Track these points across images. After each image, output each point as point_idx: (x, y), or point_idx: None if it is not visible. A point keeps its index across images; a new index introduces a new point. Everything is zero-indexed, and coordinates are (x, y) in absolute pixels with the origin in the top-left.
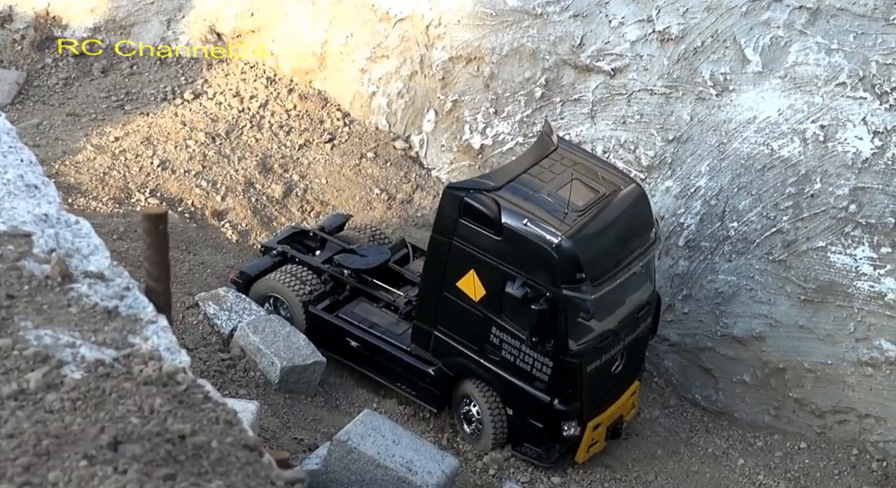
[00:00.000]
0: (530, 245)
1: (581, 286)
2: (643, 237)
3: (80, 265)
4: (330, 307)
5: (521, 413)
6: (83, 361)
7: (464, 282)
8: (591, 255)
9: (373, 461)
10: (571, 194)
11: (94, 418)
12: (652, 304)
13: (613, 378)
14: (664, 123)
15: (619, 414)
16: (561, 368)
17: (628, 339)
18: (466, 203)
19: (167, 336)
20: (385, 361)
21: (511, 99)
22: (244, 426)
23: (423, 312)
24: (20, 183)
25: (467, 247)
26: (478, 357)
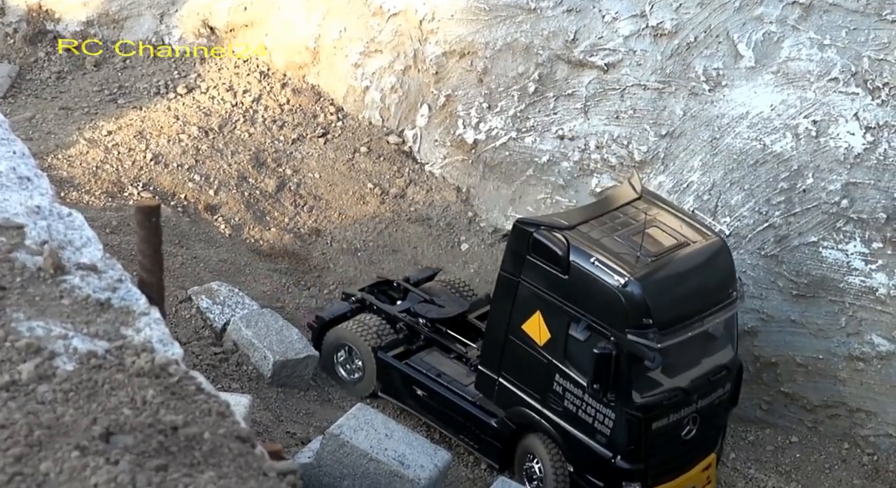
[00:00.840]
0: (597, 285)
1: (647, 332)
2: (721, 293)
3: (72, 257)
4: (401, 355)
5: (582, 469)
6: (75, 353)
7: (529, 325)
8: (661, 302)
9: (365, 455)
10: (647, 240)
11: (87, 409)
12: (732, 370)
13: (684, 444)
14: (657, 118)
15: (690, 486)
16: (623, 421)
17: (702, 403)
18: (535, 239)
19: (160, 328)
20: (449, 411)
21: (504, 94)
22: (237, 418)
23: (488, 357)
24: (12, 175)
25: (534, 287)
26: (540, 406)
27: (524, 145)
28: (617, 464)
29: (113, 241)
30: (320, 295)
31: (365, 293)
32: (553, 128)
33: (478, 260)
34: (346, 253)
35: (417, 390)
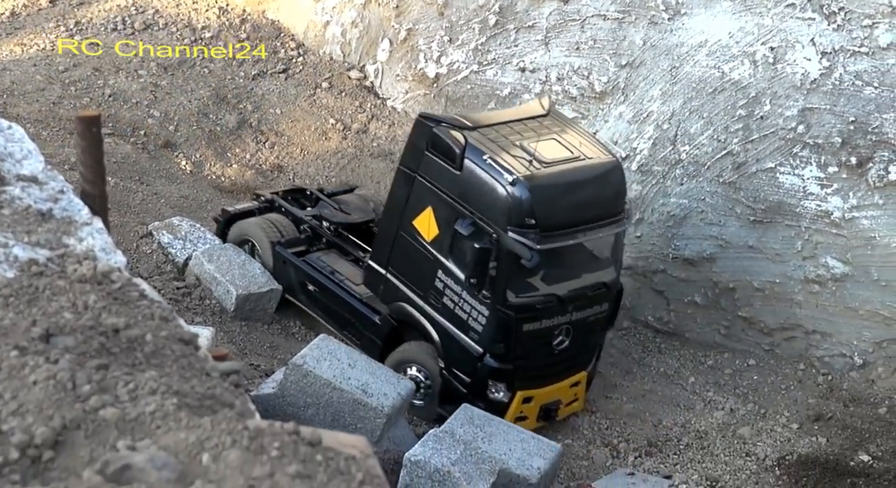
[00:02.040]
0: (486, 182)
1: (528, 232)
2: (608, 210)
3: (12, 169)
4: (300, 253)
5: (452, 365)
6: (16, 261)
7: (420, 221)
8: (546, 206)
9: (328, 384)
10: (543, 149)
11: (27, 313)
12: (611, 290)
13: (555, 355)
14: (617, 49)
15: (556, 398)
16: (495, 318)
17: (577, 316)
18: (434, 135)
19: (102, 237)
20: (336, 307)
21: (465, 27)
22: (180, 322)
23: (378, 252)
24: None
25: (429, 182)
26: (422, 302)
27: (486, 78)
28: (485, 362)
29: (72, 178)
30: None
31: (276, 195)
32: (514, 60)
33: None
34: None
35: (309, 285)
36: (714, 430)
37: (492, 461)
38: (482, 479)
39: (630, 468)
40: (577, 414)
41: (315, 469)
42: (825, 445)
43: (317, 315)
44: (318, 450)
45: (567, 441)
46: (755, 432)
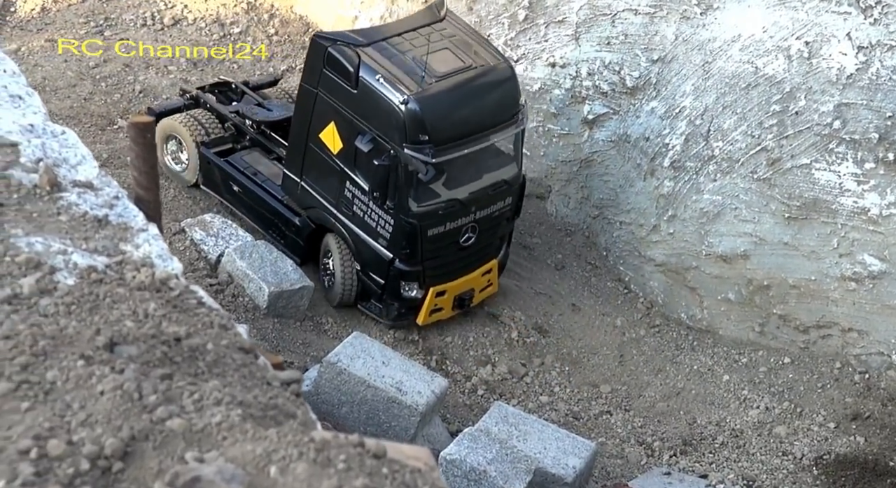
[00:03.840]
0: (381, 101)
1: (423, 148)
2: (503, 115)
3: (68, 175)
4: (224, 152)
5: (367, 268)
6: (75, 268)
7: (325, 134)
8: (439, 120)
9: (363, 382)
10: (436, 61)
11: (89, 321)
12: (513, 186)
13: (463, 250)
14: (649, 43)
15: (469, 288)
16: (400, 227)
17: (481, 214)
18: (330, 54)
19: (158, 243)
20: (260, 207)
21: (494, 21)
22: (238, 330)
23: (291, 162)
24: (4, 93)
25: (329, 99)
26: (334, 210)
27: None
28: (396, 266)
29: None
30: None
31: (201, 91)
32: (544, 55)
33: None
34: None
35: (234, 186)
36: (749, 429)
37: (527, 460)
38: (518, 478)
39: (665, 467)
40: (610, 413)
41: (382, 482)
42: (863, 445)
43: (243, 214)
44: (384, 463)
45: (601, 439)
46: (791, 431)
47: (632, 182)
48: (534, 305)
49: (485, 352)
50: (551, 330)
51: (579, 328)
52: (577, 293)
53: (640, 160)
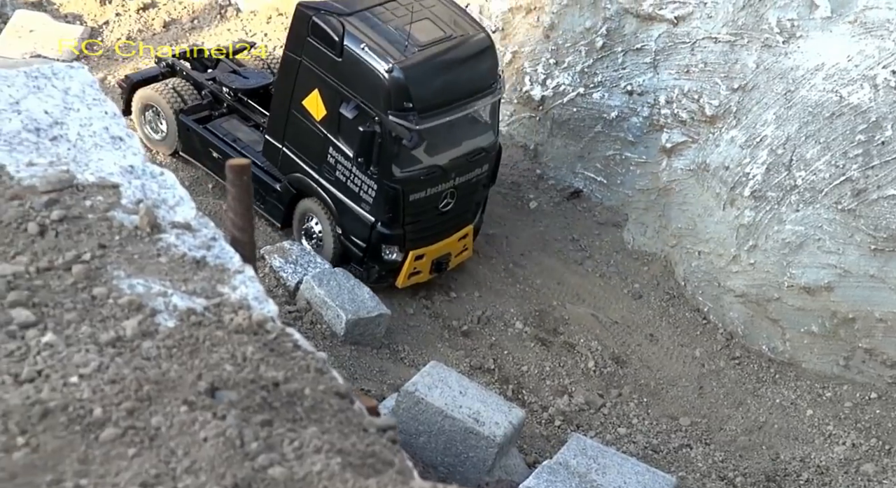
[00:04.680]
0: (365, 69)
1: (407, 115)
2: (482, 83)
3: (166, 216)
4: (202, 119)
5: (349, 232)
6: (175, 310)
7: (309, 101)
8: (422, 88)
9: (440, 412)
10: (417, 30)
11: (190, 365)
12: (490, 153)
13: (442, 215)
14: (729, 72)
15: (446, 252)
16: (383, 192)
17: (460, 180)
18: (314, 22)
19: (255, 285)
20: None
21: (572, 49)
22: (334, 374)
23: (273, 128)
24: (105, 135)
25: (313, 67)
26: (316, 175)
27: (592, 101)
28: (378, 230)
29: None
30: None
31: (177, 59)
32: (622, 83)
33: (547, 218)
34: None
35: (213, 153)
36: (835, 466)
37: None
38: None
39: None
40: (690, 446)
41: None
42: None
43: (221, 180)
44: None
45: (681, 474)
46: (880, 469)
47: (711, 211)
48: (610, 335)
49: (561, 382)
50: (629, 360)
51: (657, 359)
52: (655, 323)
53: (719, 189)
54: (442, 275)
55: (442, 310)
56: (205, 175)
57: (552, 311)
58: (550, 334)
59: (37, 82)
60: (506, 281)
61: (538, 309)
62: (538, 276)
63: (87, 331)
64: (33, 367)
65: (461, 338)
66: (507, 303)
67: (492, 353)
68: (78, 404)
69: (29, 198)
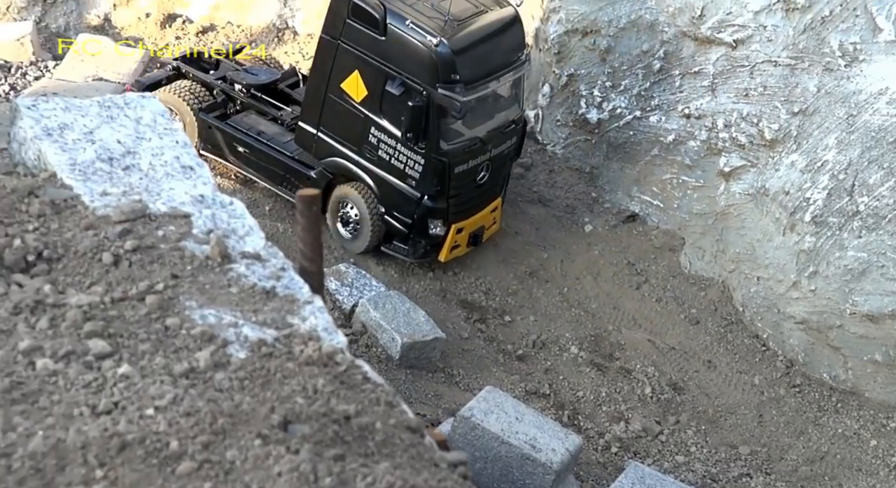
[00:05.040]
0: (412, 45)
1: (455, 87)
2: (513, 55)
3: (236, 246)
4: (220, 116)
5: (393, 209)
6: (246, 341)
7: (348, 83)
8: (466, 61)
9: (496, 438)
10: (453, 6)
11: (262, 397)
12: (518, 125)
13: (478, 187)
14: (789, 95)
15: (481, 225)
16: (431, 165)
17: (494, 152)
18: (355, 4)
19: (324, 316)
20: (270, 165)
21: (628, 72)
22: (404, 407)
23: (307, 113)
24: (176, 164)
25: (353, 48)
26: (357, 156)
27: (649, 124)
28: (424, 204)
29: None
30: (444, 277)
31: (181, 61)
32: (679, 106)
33: (602, 241)
34: None
35: (239, 147)
36: None
37: None
38: None
39: None
40: (749, 475)
41: None
42: None
43: (249, 173)
44: None
45: None
46: None
47: (770, 236)
48: (667, 360)
49: (618, 408)
50: (686, 386)
51: (715, 385)
52: (713, 349)
53: (779, 214)
54: (494, 298)
55: (497, 334)
56: (262, 197)
57: (608, 336)
58: (606, 359)
59: (110, 112)
60: (560, 305)
61: (594, 333)
62: (593, 301)
63: (161, 362)
64: (110, 399)
65: (516, 362)
66: (562, 327)
67: (547, 378)
68: (154, 437)
69: (103, 227)
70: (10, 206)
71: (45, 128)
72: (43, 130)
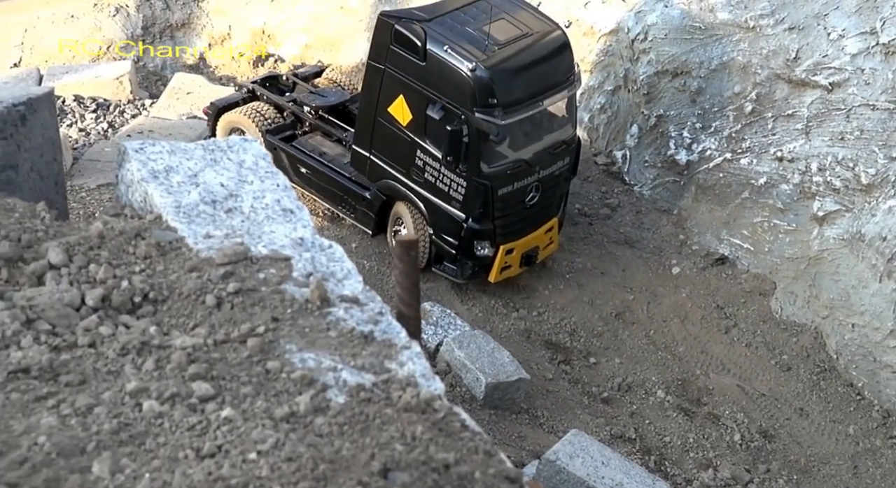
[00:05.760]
0: (450, 70)
1: (493, 111)
2: (559, 77)
3: (335, 289)
4: (287, 138)
5: (440, 231)
6: (345, 386)
7: (394, 108)
8: (506, 85)
9: (582, 482)
10: (495, 30)
11: (362, 444)
12: (571, 145)
13: (529, 209)
14: (887, 140)
15: (534, 245)
16: (473, 188)
17: (543, 173)
18: (397, 30)
19: (421, 362)
20: (329, 186)
21: (719, 114)
22: (502, 457)
23: (360, 137)
24: (277, 207)
25: (397, 73)
26: (405, 179)
27: (739, 166)
28: (469, 226)
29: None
30: (529, 317)
31: (256, 84)
32: (771, 149)
33: (689, 284)
34: (555, 275)
35: (302, 169)
36: None
37: None
38: None
39: None
40: None
41: None
42: None
43: (312, 194)
44: None
45: None
46: None
47: (866, 283)
48: (757, 407)
49: (706, 455)
50: (777, 434)
51: (808, 434)
52: (805, 397)
53: (875, 260)
54: (579, 340)
55: (581, 376)
56: (349, 234)
57: (695, 380)
58: (694, 404)
59: (213, 155)
60: (647, 348)
61: (681, 377)
62: (681, 344)
63: (262, 405)
64: (214, 442)
65: (601, 405)
66: (648, 370)
67: (633, 422)
68: (258, 482)
69: (206, 269)
70: (118, 248)
71: (151, 170)
72: (149, 173)
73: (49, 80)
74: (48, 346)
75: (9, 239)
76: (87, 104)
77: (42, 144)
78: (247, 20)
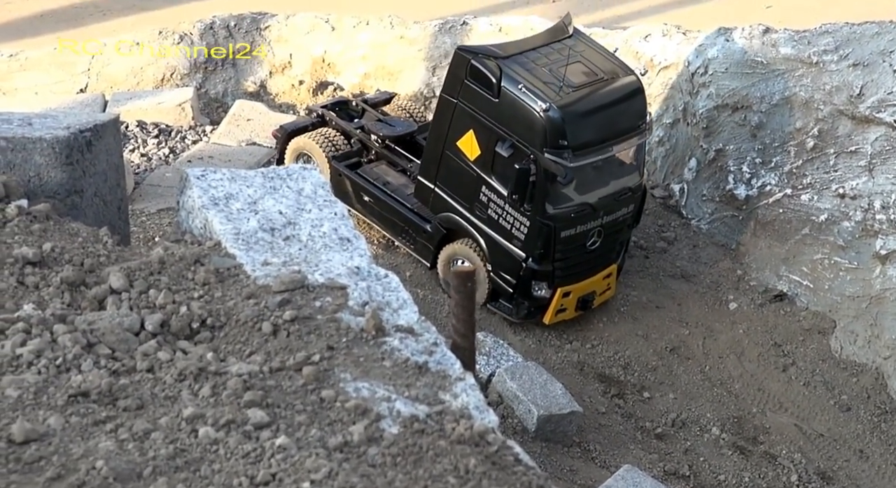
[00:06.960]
0: (522, 109)
1: (562, 152)
2: (631, 124)
3: (390, 319)
4: (353, 165)
5: (499, 268)
6: (399, 416)
7: (463, 142)
8: (577, 127)
9: None
10: (571, 73)
11: (415, 475)
12: (636, 193)
13: (589, 253)
14: None
15: (591, 290)
16: (536, 228)
17: (607, 219)
18: (472, 65)
19: (476, 394)
20: (391, 216)
21: (780, 149)
22: None
23: (426, 169)
24: (334, 236)
25: (469, 108)
26: (468, 213)
27: (800, 203)
28: (528, 265)
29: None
30: (582, 349)
31: (326, 109)
32: (833, 185)
33: (747, 320)
34: (609, 308)
35: (365, 196)
36: None
37: None
38: None
39: None
40: None
41: None
42: None
43: (373, 222)
44: None
45: None
46: None
47: None
48: (815, 448)
49: None
50: (836, 476)
51: (868, 477)
52: (865, 438)
53: None
54: (633, 373)
55: (635, 410)
56: (404, 262)
57: (752, 419)
58: (750, 443)
59: (273, 183)
60: (702, 384)
61: (737, 415)
62: (737, 381)
63: (316, 434)
64: (268, 470)
65: (655, 440)
66: (703, 406)
67: (687, 459)
68: None
69: (263, 297)
70: (178, 274)
71: (212, 197)
72: (210, 200)
73: (113, 106)
74: (108, 370)
75: (72, 263)
76: (150, 129)
77: (106, 170)
78: (307, 49)
